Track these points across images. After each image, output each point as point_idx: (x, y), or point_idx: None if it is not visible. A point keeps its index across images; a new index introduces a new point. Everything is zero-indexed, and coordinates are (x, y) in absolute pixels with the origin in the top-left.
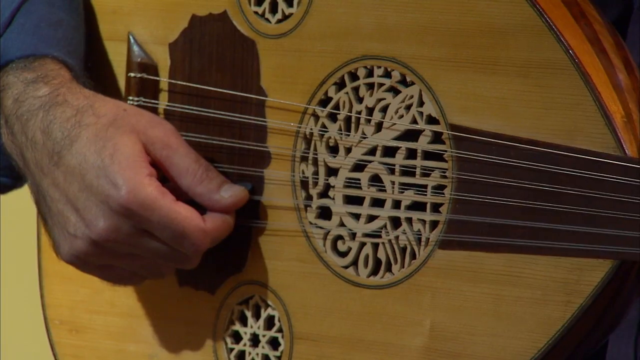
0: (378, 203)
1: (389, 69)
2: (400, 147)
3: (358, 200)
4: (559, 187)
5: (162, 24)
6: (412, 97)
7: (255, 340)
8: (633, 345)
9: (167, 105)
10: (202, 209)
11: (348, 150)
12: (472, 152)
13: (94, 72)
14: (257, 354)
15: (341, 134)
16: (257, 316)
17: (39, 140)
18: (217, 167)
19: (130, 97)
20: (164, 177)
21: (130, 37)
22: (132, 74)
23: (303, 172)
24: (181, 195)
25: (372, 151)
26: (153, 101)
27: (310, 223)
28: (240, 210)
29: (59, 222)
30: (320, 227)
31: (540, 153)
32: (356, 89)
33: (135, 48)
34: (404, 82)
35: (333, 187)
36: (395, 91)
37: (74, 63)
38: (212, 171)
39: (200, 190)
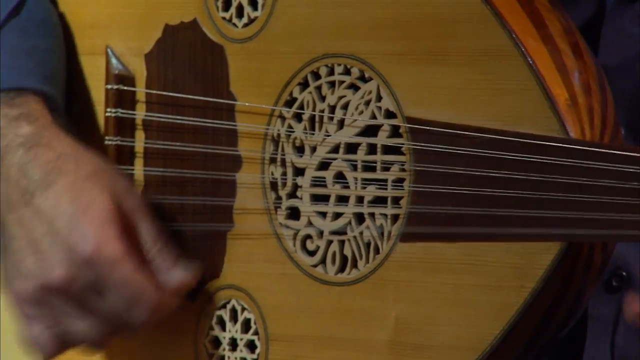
0: (344, 200)
1: (348, 66)
2: (361, 143)
3: (325, 199)
4: (507, 172)
5: (138, 35)
6: (370, 92)
7: (234, 345)
8: (610, 345)
9: (145, 115)
10: None
11: (313, 150)
12: (427, 143)
13: (73, 86)
14: (236, 358)
15: (306, 133)
16: (234, 320)
17: (13, 176)
18: (192, 174)
19: (109, 109)
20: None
21: (108, 50)
22: (109, 86)
23: (272, 174)
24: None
25: (335, 149)
26: (130, 112)
27: (281, 224)
28: (215, 215)
29: (14, 260)
30: (290, 228)
31: (488, 140)
32: (319, 88)
33: (113, 60)
34: (362, 78)
35: (301, 187)
36: (355, 88)
37: (52, 91)
38: (170, 248)
39: (155, 262)
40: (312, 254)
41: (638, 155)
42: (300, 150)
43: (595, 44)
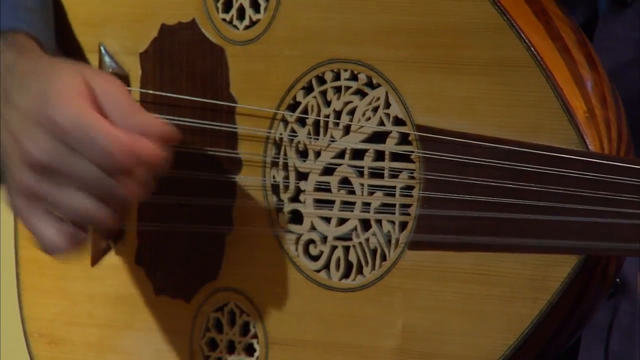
0: (348, 206)
1: (355, 72)
2: (368, 149)
3: (329, 204)
4: (523, 184)
5: (133, 34)
6: (378, 99)
7: (231, 347)
8: (604, 350)
9: None
10: None
11: (317, 154)
12: (438, 152)
13: None
14: None
15: (310, 138)
16: (232, 323)
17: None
18: (190, 175)
19: None
20: None
21: (102, 48)
22: None
23: (274, 178)
24: None
25: (341, 154)
26: None
27: (282, 228)
28: (214, 216)
29: (9, 164)
30: (292, 232)
31: (504, 151)
32: (324, 93)
33: (107, 59)
34: (370, 84)
35: (304, 191)
36: (362, 94)
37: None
38: (147, 113)
39: (130, 122)
40: (315, 258)
41: None
42: (303, 154)
43: None
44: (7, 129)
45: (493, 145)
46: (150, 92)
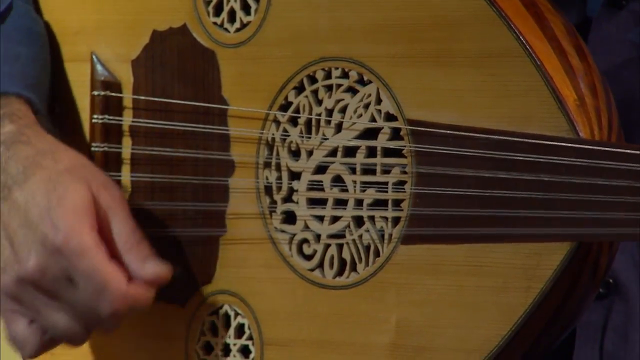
0: (341, 204)
1: (346, 70)
2: (360, 146)
3: (322, 203)
4: (515, 174)
5: (124, 41)
6: (369, 95)
7: (226, 350)
8: (599, 350)
9: (132, 122)
10: None
11: (310, 154)
12: (430, 146)
13: (58, 94)
14: None
15: (302, 137)
16: (227, 325)
17: None
18: (183, 179)
19: (95, 115)
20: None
21: (93, 57)
22: (96, 92)
23: (267, 178)
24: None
25: (333, 152)
26: (117, 118)
27: (276, 229)
28: (207, 220)
29: None
30: (286, 232)
31: (495, 141)
32: (315, 92)
33: (99, 67)
34: (361, 81)
35: (296, 191)
36: (353, 91)
37: (34, 97)
38: (144, 244)
39: (127, 257)
40: (308, 258)
41: None
42: (296, 154)
43: None
44: (1, 222)
45: (484, 136)
46: (142, 98)
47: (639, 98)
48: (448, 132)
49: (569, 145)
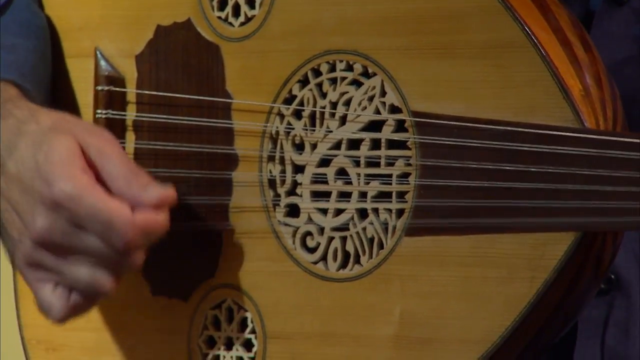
0: (345, 197)
1: (350, 62)
2: (364, 138)
3: (325, 196)
4: (520, 165)
5: (128, 36)
6: (374, 88)
7: (229, 344)
8: (600, 346)
9: (136, 116)
10: None
11: (314, 147)
12: (434, 137)
13: (62, 90)
14: (232, 357)
15: (306, 130)
16: (230, 319)
17: None
18: (186, 173)
19: (99, 110)
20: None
21: (97, 52)
22: (99, 88)
23: (270, 172)
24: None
25: (337, 145)
26: (121, 113)
27: (279, 222)
28: (210, 214)
29: (10, 232)
30: (289, 225)
31: (501, 132)
32: (319, 85)
33: (102, 62)
34: (366, 74)
35: (300, 184)
36: (358, 84)
37: (28, 86)
38: (141, 174)
39: (128, 191)
40: (312, 250)
41: None
42: (299, 147)
43: None
44: (4, 198)
45: (488, 127)
46: (146, 92)
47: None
48: (452, 123)
49: (574, 135)
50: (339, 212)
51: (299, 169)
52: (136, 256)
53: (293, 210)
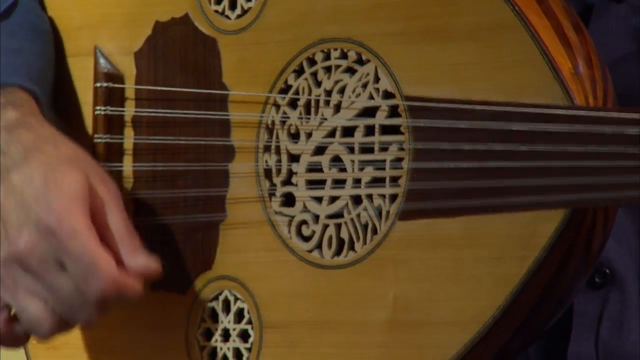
0: (341, 184)
1: (345, 50)
2: (358, 125)
3: (321, 184)
4: (511, 145)
5: (127, 34)
6: (368, 74)
7: (226, 335)
8: (594, 339)
9: (135, 112)
10: None
11: (309, 135)
12: (427, 120)
13: (62, 89)
14: (229, 349)
15: (301, 119)
16: (227, 311)
17: None
18: (184, 167)
19: (98, 107)
20: None
21: (97, 50)
22: (98, 84)
23: (266, 162)
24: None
25: (332, 133)
26: (120, 109)
27: (275, 212)
28: (207, 206)
29: None
30: (285, 215)
31: (492, 112)
32: (314, 74)
33: (102, 60)
34: (360, 61)
35: (296, 173)
36: (352, 71)
37: (38, 90)
38: (136, 238)
39: (119, 248)
40: (307, 239)
41: None
42: (295, 136)
43: None
44: None
45: (479, 108)
46: (144, 87)
47: (637, 91)
48: (444, 105)
49: (564, 112)
50: (333, 199)
51: (294, 158)
52: (100, 309)
53: (289, 200)
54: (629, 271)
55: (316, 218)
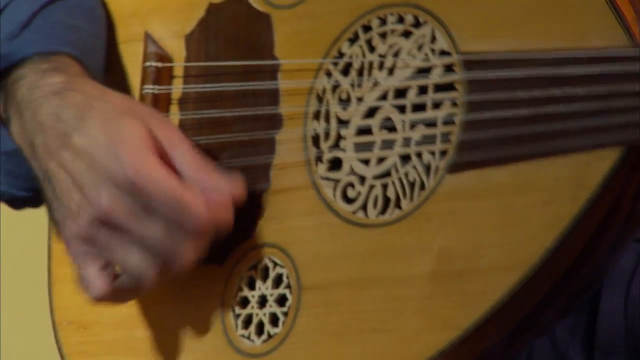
0: (389, 145)
1: (402, 14)
2: (411, 85)
3: (369, 147)
4: (568, 89)
5: (180, 18)
6: (424, 35)
7: (263, 302)
8: (624, 295)
9: (183, 89)
10: None
11: (360, 100)
12: (482, 72)
13: (111, 74)
14: (265, 314)
15: (353, 85)
16: (265, 278)
17: (49, 124)
18: (229, 138)
19: (145, 86)
20: None
21: (147, 35)
22: (147, 64)
23: (315, 128)
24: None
25: (384, 96)
26: (167, 87)
27: (321, 177)
28: (252, 175)
29: (63, 203)
30: (331, 179)
31: (550, 59)
32: (369, 41)
33: (151, 42)
34: (417, 24)
35: (344, 137)
36: (408, 35)
37: (89, 64)
38: (211, 166)
39: (199, 182)
40: (352, 201)
41: None
42: (345, 102)
43: None
44: (64, 170)
45: (537, 55)
46: (193, 64)
47: None
48: (500, 57)
49: (624, 54)
50: (381, 160)
51: (343, 123)
52: (192, 251)
53: (336, 164)
54: None
55: (362, 180)
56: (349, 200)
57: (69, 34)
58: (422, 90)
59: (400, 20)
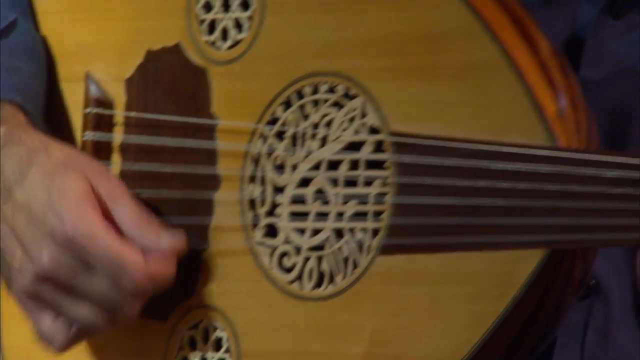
0: (323, 217)
1: (333, 84)
2: (343, 159)
3: (304, 216)
4: (494, 182)
5: (119, 61)
6: (355, 109)
7: None
8: (579, 350)
9: (123, 138)
10: None
11: (294, 168)
12: (411, 155)
13: (53, 113)
14: None
15: (287, 151)
16: (206, 339)
17: None
18: (169, 194)
19: (86, 132)
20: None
21: (88, 77)
22: (87, 110)
23: (251, 193)
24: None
25: (317, 166)
26: (108, 135)
27: (257, 242)
28: (191, 235)
29: (7, 259)
30: (267, 245)
31: (475, 151)
32: (302, 107)
33: (92, 86)
34: (347, 95)
35: (280, 204)
36: (340, 106)
37: (31, 110)
38: (153, 220)
39: (139, 237)
40: (288, 270)
41: (623, 160)
42: (280, 168)
43: (576, 60)
44: (7, 225)
45: (464, 145)
46: (133, 114)
47: (632, 106)
48: (429, 142)
49: (545, 153)
50: (316, 232)
51: (279, 189)
52: (138, 303)
53: (272, 231)
54: (613, 282)
55: (298, 250)
56: (285, 269)
57: (10, 78)
58: (354, 165)
59: (332, 90)
